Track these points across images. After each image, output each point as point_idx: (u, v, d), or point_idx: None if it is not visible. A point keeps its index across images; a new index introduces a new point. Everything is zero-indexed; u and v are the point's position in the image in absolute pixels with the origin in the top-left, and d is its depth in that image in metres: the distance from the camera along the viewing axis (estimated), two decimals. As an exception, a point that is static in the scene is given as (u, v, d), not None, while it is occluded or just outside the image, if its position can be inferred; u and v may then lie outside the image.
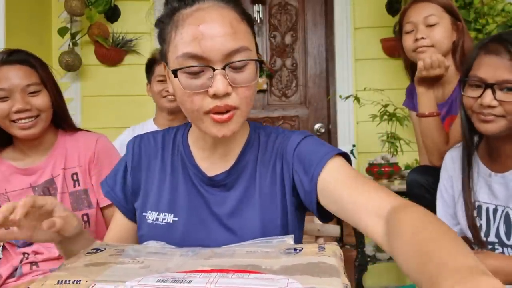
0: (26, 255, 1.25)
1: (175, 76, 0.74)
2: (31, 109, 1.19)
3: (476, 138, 1.13)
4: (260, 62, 0.77)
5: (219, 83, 0.71)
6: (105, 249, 0.73)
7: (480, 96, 1.01)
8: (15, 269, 1.26)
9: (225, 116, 0.74)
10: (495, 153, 1.09)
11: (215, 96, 0.73)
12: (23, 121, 1.19)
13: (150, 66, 1.92)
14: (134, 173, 0.88)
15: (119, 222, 0.91)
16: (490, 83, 0.99)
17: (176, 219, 0.83)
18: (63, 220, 0.75)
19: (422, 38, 1.43)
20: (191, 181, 0.86)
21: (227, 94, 0.73)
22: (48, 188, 1.27)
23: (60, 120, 1.31)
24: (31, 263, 1.25)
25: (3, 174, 1.27)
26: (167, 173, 0.87)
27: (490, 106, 0.99)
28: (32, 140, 1.26)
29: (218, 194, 0.84)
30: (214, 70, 0.72)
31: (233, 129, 0.76)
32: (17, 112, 1.17)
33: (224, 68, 0.72)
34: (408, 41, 1.48)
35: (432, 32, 1.43)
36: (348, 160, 0.81)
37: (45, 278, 0.58)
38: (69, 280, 0.56)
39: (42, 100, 1.22)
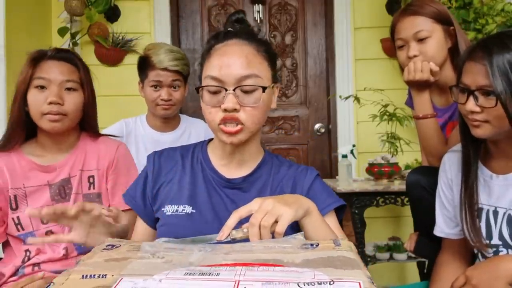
0: (28, 253, 1.25)
1: (197, 92, 0.94)
2: (63, 105, 1.23)
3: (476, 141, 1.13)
4: (264, 88, 0.92)
5: (229, 100, 0.89)
6: (120, 245, 0.73)
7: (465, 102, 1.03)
8: (17, 269, 1.25)
9: (233, 129, 0.91)
10: (497, 155, 1.09)
11: (225, 111, 0.90)
12: (52, 116, 1.22)
13: (144, 68, 1.77)
14: (154, 180, 1.02)
15: (139, 230, 1.04)
16: (471, 90, 1.01)
17: (194, 211, 0.96)
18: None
19: (415, 55, 1.39)
20: (209, 182, 1.00)
21: (235, 110, 0.90)
22: (63, 187, 1.29)
23: (87, 124, 1.35)
24: (33, 264, 1.25)
25: (22, 170, 1.27)
26: (187, 175, 1.01)
27: (473, 112, 1.01)
28: (56, 137, 1.29)
29: (233, 194, 0.98)
30: (226, 90, 0.90)
31: (240, 139, 0.93)
32: (50, 103, 1.21)
33: (234, 90, 0.90)
34: (401, 57, 1.45)
35: (424, 47, 1.38)
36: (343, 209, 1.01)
37: (68, 272, 0.57)
38: (95, 275, 0.55)
39: (75, 99, 1.26)
